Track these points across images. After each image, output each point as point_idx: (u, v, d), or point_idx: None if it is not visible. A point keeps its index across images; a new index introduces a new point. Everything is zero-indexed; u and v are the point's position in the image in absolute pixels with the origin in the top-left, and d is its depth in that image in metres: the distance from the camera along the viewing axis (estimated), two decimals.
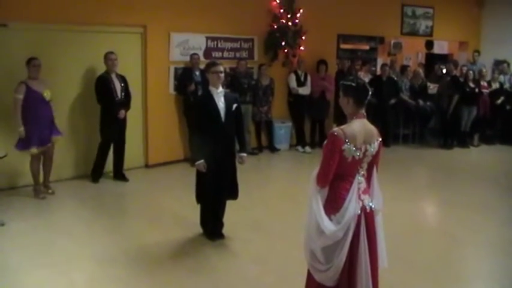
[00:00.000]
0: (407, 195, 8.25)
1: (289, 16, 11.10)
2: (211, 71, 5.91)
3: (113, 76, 8.53)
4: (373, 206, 3.82)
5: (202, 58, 9.93)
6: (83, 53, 8.68)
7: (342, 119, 3.90)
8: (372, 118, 11.77)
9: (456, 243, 6.31)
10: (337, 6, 11.78)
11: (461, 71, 12.76)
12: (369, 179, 3.88)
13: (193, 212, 6.35)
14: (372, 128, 3.81)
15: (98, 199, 7.86)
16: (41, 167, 7.85)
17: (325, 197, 3.76)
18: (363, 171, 3.81)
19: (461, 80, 12.24)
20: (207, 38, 10.27)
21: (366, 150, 3.71)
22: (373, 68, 13.83)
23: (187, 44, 9.96)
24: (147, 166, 9.80)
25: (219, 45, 10.50)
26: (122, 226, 6.73)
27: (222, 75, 5.94)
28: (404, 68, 13.05)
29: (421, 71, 13.25)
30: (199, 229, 6.27)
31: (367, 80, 12.06)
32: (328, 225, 3.63)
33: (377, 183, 3.91)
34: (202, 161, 5.79)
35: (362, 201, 3.74)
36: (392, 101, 12.05)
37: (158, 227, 6.64)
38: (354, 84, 3.80)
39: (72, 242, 6.07)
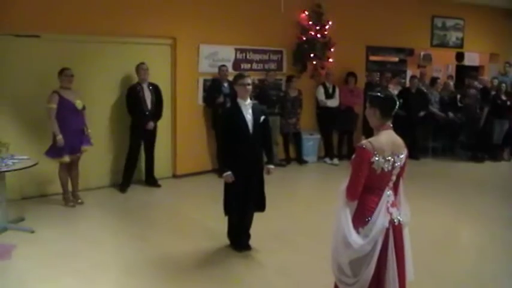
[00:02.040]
0: (437, 208, 8.15)
1: (317, 28, 11.11)
2: (238, 83, 5.91)
3: (145, 86, 8.65)
4: (401, 219, 3.77)
5: (231, 70, 9.98)
6: (113, 63, 8.82)
7: (370, 131, 3.87)
8: (401, 130, 11.65)
9: (486, 258, 6.19)
10: (366, 18, 11.77)
11: (492, 83, 12.59)
12: (396, 191, 3.84)
13: (220, 222, 6.35)
14: (399, 139, 3.79)
15: (126, 208, 7.94)
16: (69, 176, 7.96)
17: (354, 209, 3.72)
18: (391, 184, 3.77)
19: (493, 92, 12.08)
20: (236, 50, 10.33)
21: (395, 161, 3.67)
22: (403, 80, 13.73)
23: (216, 55, 10.03)
24: (174, 176, 9.85)
25: (248, 57, 10.55)
26: (148, 235, 6.76)
27: (250, 87, 5.93)
28: (434, 80, 12.93)
29: (451, 83, 13.12)
30: (226, 240, 6.27)
31: (396, 92, 12.01)
32: (356, 238, 3.60)
33: (404, 196, 3.87)
34: (229, 172, 5.80)
35: (390, 214, 3.69)
36: (422, 114, 11.94)
37: (185, 237, 6.67)
38: (381, 96, 3.79)
39: (99, 250, 6.13)
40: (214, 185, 9.23)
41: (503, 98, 12.06)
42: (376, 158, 3.59)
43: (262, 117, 5.96)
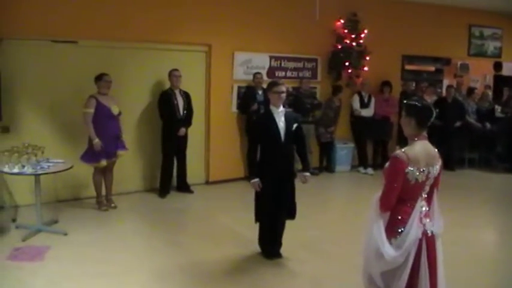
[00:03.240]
0: (472, 221, 7.99)
1: (353, 36, 11.05)
2: (273, 90, 5.85)
3: (177, 92, 8.72)
4: (434, 231, 3.70)
5: (265, 77, 9.98)
6: (149, 70, 8.92)
7: (405, 140, 3.82)
8: (437, 141, 11.54)
9: None
10: (402, 27, 11.67)
11: None
12: (429, 202, 3.77)
13: (251, 230, 6.33)
14: (434, 150, 3.74)
15: (159, 213, 7.98)
16: (103, 180, 8.05)
17: (386, 220, 3.67)
18: (425, 194, 3.72)
19: None
20: (271, 58, 10.33)
21: (429, 172, 3.63)
22: (439, 90, 13.53)
23: (250, 63, 10.04)
24: (207, 183, 9.88)
25: (282, 64, 10.54)
26: (180, 241, 6.77)
27: (284, 95, 5.89)
28: (471, 90, 12.73)
29: (489, 93, 12.90)
30: (257, 247, 6.25)
31: (432, 102, 11.85)
32: (388, 250, 3.55)
33: (437, 207, 3.79)
34: (257, 179, 5.80)
35: (423, 225, 3.63)
36: (458, 124, 11.75)
37: (216, 244, 6.67)
38: (418, 105, 3.73)
39: (130, 255, 6.17)
40: (246, 192, 9.20)
41: None
42: (411, 169, 3.55)
43: (295, 125, 5.90)
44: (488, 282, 5.75)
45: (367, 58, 11.27)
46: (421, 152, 3.62)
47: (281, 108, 5.88)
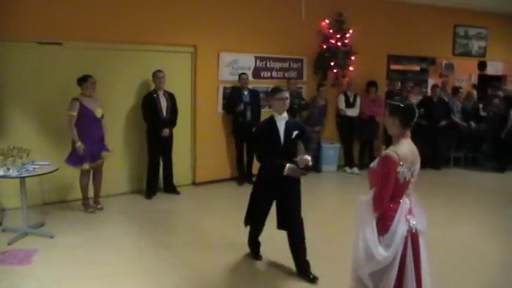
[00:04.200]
0: (458, 219, 8.04)
1: (339, 37, 11.07)
2: (276, 97, 5.56)
3: (160, 94, 8.69)
4: (417, 227, 3.81)
5: (251, 78, 10.00)
6: (134, 71, 8.88)
7: (391, 140, 3.85)
8: (423, 140, 11.55)
9: (507, 273, 6.07)
10: (387, 27, 11.72)
11: None
12: (410, 199, 3.87)
13: (240, 231, 6.32)
14: (415, 148, 3.84)
15: (146, 215, 7.94)
16: (91, 182, 8.02)
17: (375, 219, 3.74)
18: (408, 192, 3.83)
19: None
20: (256, 58, 10.32)
21: (414, 170, 3.75)
22: (424, 90, 13.60)
23: (236, 63, 10.03)
24: (194, 184, 9.86)
25: (268, 65, 10.53)
26: (168, 243, 6.75)
27: (288, 101, 5.59)
28: (456, 90, 12.81)
29: (474, 92, 12.99)
30: (245, 249, 6.23)
31: (415, 101, 11.91)
32: (381, 251, 3.61)
33: (418, 203, 3.88)
34: (288, 165, 5.37)
35: (408, 221, 3.74)
36: (443, 123, 11.81)
37: (204, 245, 6.65)
38: (401, 105, 3.81)
39: (119, 257, 6.14)
40: (234, 193, 9.29)
41: None
42: (402, 168, 3.62)
43: (295, 133, 5.59)
44: (476, 280, 5.78)
45: (353, 58, 11.31)
46: (408, 151, 3.72)
47: (284, 115, 5.60)
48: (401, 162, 3.62)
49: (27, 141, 7.43)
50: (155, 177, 8.99)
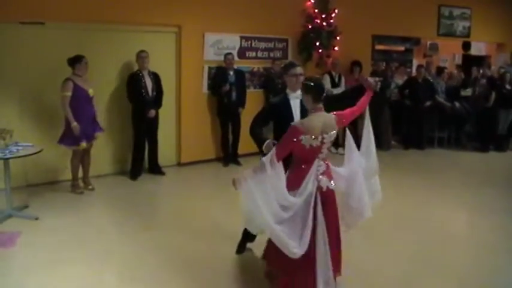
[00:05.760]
0: (441, 199, 8.10)
1: (323, 17, 11.05)
2: (289, 73, 5.20)
3: (145, 74, 8.63)
4: (330, 186, 4.34)
5: (236, 58, 9.96)
6: (119, 51, 8.80)
7: (375, 120, 3.95)
8: (407, 120, 11.61)
9: (489, 250, 6.13)
10: (372, 7, 11.70)
11: (498, 72, 12.50)
12: (327, 163, 4.44)
13: (224, 212, 6.34)
14: (331, 119, 4.35)
15: (132, 197, 7.92)
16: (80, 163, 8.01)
17: (287, 178, 4.21)
18: (322, 156, 4.34)
19: (498, 82, 12.00)
20: (241, 38, 10.28)
21: (324, 138, 4.23)
22: (409, 70, 13.66)
23: (221, 43, 9.98)
24: (179, 164, 9.86)
25: (253, 45, 10.49)
26: (153, 225, 6.75)
27: (302, 77, 5.13)
28: (440, 70, 12.86)
29: (456, 72, 13.05)
30: (230, 231, 6.14)
31: (401, 81, 11.96)
32: (289, 197, 4.11)
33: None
34: (268, 140, 4.92)
35: (318, 182, 4.25)
36: (428, 103, 11.86)
37: (189, 227, 6.63)
38: (311, 84, 4.31)
39: (103, 240, 6.12)
40: (219, 174, 9.29)
41: (508, 87, 11.94)
42: (305, 136, 4.13)
43: None
44: (457, 259, 5.85)
45: (338, 38, 11.31)
46: (316, 122, 4.22)
47: (298, 92, 5.09)
48: (304, 131, 4.12)
49: (10, 123, 7.34)
50: (140, 158, 8.97)
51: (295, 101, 5.16)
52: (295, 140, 4.13)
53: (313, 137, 4.15)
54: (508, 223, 7.10)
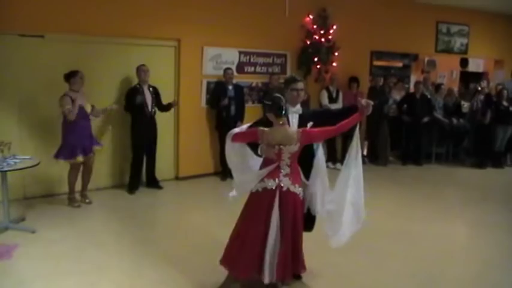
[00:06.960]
0: (439, 215, 8.09)
1: (322, 32, 11.10)
2: (290, 87, 5.16)
3: (145, 88, 8.65)
4: (292, 189, 4.66)
5: (234, 73, 9.97)
6: (118, 65, 8.81)
7: (373, 135, 3.95)
8: (406, 136, 11.62)
9: (488, 266, 6.12)
10: (371, 23, 11.77)
11: (496, 89, 12.54)
12: (294, 169, 4.77)
13: (222, 227, 6.29)
14: (293, 133, 4.66)
15: (130, 210, 7.90)
16: (80, 176, 7.99)
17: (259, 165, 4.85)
18: (285, 162, 4.68)
19: (494, 99, 12.04)
20: (240, 53, 10.31)
21: (281, 149, 4.61)
22: (407, 86, 13.70)
23: (220, 58, 10.01)
24: (177, 178, 9.84)
25: (252, 60, 10.52)
26: (151, 238, 6.72)
27: (302, 93, 5.20)
28: (438, 86, 12.90)
29: (455, 89, 13.09)
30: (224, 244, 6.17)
31: (399, 97, 11.98)
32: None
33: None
34: (262, 144, 4.85)
35: (280, 181, 4.64)
36: (426, 119, 11.87)
37: (187, 241, 6.63)
38: (269, 103, 4.67)
39: (101, 252, 6.09)
40: (217, 188, 9.26)
41: (505, 104, 11.98)
42: (260, 142, 4.69)
43: (309, 124, 5.08)
44: (456, 274, 5.83)
45: (336, 54, 11.35)
46: (278, 134, 4.61)
47: (298, 107, 5.19)
48: (260, 138, 4.64)
49: (8, 135, 7.36)
50: (139, 172, 8.95)
51: (293, 115, 5.09)
52: (253, 139, 4.75)
53: (272, 146, 4.63)
54: (507, 239, 7.10)
